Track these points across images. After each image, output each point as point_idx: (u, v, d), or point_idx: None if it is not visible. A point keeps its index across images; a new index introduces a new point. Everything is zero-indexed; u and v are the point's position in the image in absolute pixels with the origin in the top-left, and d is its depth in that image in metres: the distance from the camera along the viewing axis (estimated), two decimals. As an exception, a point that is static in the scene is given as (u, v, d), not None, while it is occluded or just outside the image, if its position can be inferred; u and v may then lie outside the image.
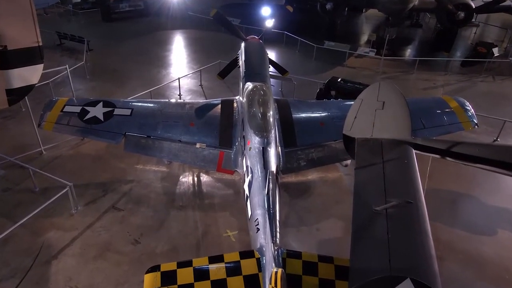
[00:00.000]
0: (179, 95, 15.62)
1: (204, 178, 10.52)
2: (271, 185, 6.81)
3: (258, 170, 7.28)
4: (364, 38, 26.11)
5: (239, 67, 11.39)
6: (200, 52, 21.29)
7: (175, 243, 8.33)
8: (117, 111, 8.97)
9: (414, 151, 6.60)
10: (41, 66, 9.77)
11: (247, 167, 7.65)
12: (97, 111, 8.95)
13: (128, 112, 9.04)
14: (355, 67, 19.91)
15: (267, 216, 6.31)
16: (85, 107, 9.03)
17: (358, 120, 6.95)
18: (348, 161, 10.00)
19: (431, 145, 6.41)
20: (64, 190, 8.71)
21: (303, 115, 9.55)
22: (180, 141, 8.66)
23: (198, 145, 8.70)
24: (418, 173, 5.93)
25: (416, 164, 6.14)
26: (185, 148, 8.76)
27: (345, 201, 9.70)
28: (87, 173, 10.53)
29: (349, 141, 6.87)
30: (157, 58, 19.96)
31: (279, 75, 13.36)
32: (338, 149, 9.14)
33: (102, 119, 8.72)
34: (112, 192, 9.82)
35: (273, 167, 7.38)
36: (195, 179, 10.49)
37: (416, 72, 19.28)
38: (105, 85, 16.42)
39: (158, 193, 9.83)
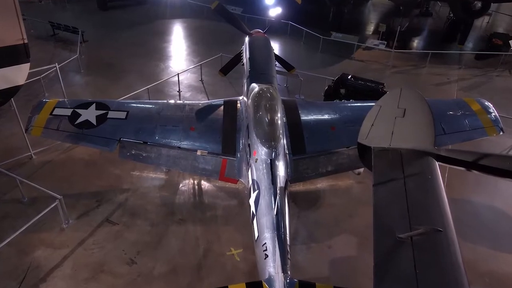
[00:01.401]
0: (179, 91, 14.76)
1: (206, 186, 9.78)
2: (280, 204, 6.13)
3: (265, 186, 6.57)
4: (371, 28, 24.94)
5: (243, 64, 10.55)
6: (200, 43, 20.27)
7: (174, 263, 7.64)
8: (111, 114, 8.32)
9: (437, 163, 5.86)
10: (27, 65, 8.95)
11: (253, 180, 6.94)
12: (90, 114, 8.29)
13: (123, 115, 8.39)
14: (364, 60, 18.92)
15: (276, 240, 5.70)
16: (76, 110, 8.38)
17: (375, 128, 6.26)
18: (361, 169, 9.29)
19: (457, 157, 5.71)
20: (54, 204, 7.98)
21: (313, 118, 8.83)
22: (180, 147, 7.98)
23: (199, 152, 8.06)
24: (444, 192, 5.27)
25: (441, 180, 5.48)
26: (184, 155, 8.14)
27: (358, 214, 8.99)
28: (80, 180, 9.79)
29: (364, 150, 6.28)
30: (155, 50, 18.98)
31: (285, 71, 12.46)
32: (351, 156, 8.47)
33: (95, 123, 8.09)
34: (106, 203, 9.10)
35: (282, 182, 6.66)
36: (196, 187, 9.74)
37: (428, 65, 18.30)
38: (100, 80, 15.52)
39: (156, 204, 9.10)
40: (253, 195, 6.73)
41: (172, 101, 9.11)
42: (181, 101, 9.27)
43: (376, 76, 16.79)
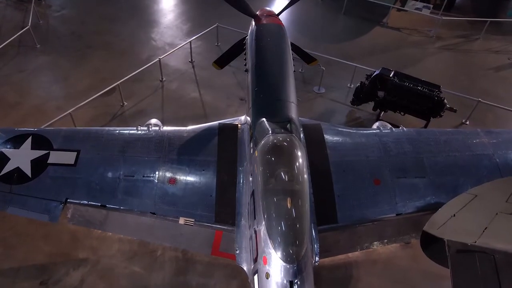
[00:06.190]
0: (161, 80, 11.31)
1: (193, 256, 7.03)
2: None
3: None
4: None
5: (246, 70, 7.24)
6: (191, 3, 16.01)
7: None
8: (53, 157, 5.67)
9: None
10: None
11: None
12: (22, 158, 5.61)
13: (71, 158, 5.72)
14: (399, 28, 14.86)
15: None
16: (3, 150, 5.64)
17: (457, 220, 4.57)
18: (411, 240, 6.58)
19: None
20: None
21: (347, 160, 5.99)
22: (154, 213, 5.36)
23: (181, 221, 5.47)
24: None
25: None
26: (162, 224, 5.58)
27: (407, 309, 6.42)
28: (20, 243, 7.05)
29: (431, 240, 4.79)
30: (134, 11, 14.90)
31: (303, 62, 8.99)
32: (402, 226, 5.84)
33: (30, 174, 5.50)
34: (54, 287, 6.46)
35: None
36: (180, 256, 7.02)
37: (482, 38, 14.34)
38: (59, 61, 11.95)
39: (122, 291, 6.48)
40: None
41: (144, 128, 6.14)
42: (157, 127, 6.28)
43: (416, 54, 13.20)
